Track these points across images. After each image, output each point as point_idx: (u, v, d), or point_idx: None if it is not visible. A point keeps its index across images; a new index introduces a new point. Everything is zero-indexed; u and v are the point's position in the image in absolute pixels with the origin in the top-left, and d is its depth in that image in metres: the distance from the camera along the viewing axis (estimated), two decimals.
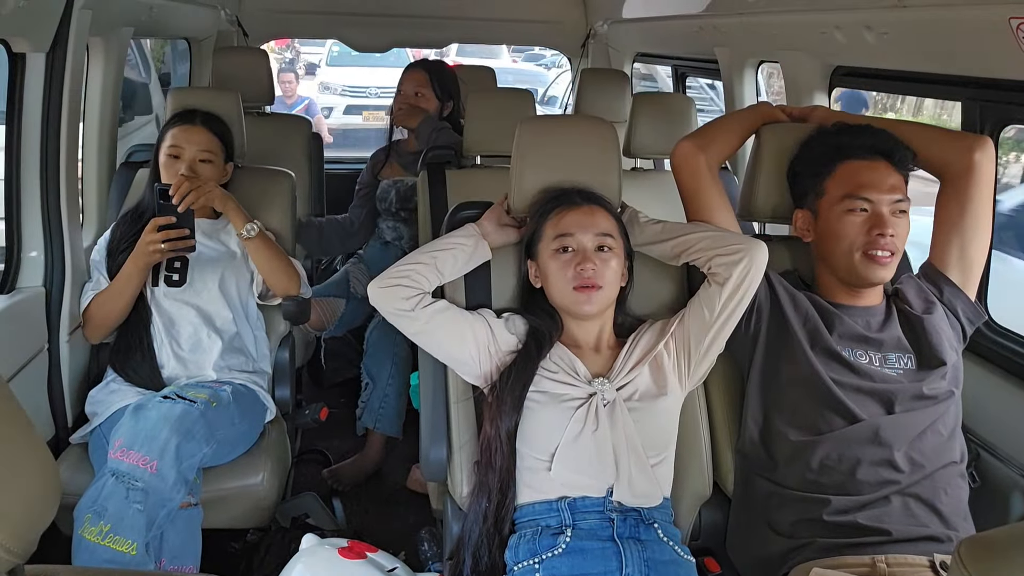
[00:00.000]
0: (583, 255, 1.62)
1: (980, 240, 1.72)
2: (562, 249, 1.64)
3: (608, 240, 1.64)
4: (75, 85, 2.16)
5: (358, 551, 1.76)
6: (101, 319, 2.15)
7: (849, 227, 1.65)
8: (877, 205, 1.64)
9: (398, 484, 2.84)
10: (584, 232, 1.63)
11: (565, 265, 1.63)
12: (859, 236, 1.64)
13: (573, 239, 1.63)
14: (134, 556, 1.71)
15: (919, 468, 1.57)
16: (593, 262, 1.61)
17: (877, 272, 1.65)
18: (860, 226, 1.64)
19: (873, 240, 1.62)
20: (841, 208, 1.66)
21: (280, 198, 2.49)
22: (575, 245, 1.63)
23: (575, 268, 1.61)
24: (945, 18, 1.70)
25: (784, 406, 1.65)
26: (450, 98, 3.20)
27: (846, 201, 1.66)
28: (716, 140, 1.81)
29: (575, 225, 1.64)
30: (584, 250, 1.62)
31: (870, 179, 1.65)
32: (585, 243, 1.63)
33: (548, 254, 1.66)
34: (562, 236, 1.64)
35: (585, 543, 1.50)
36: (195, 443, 1.86)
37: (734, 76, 2.98)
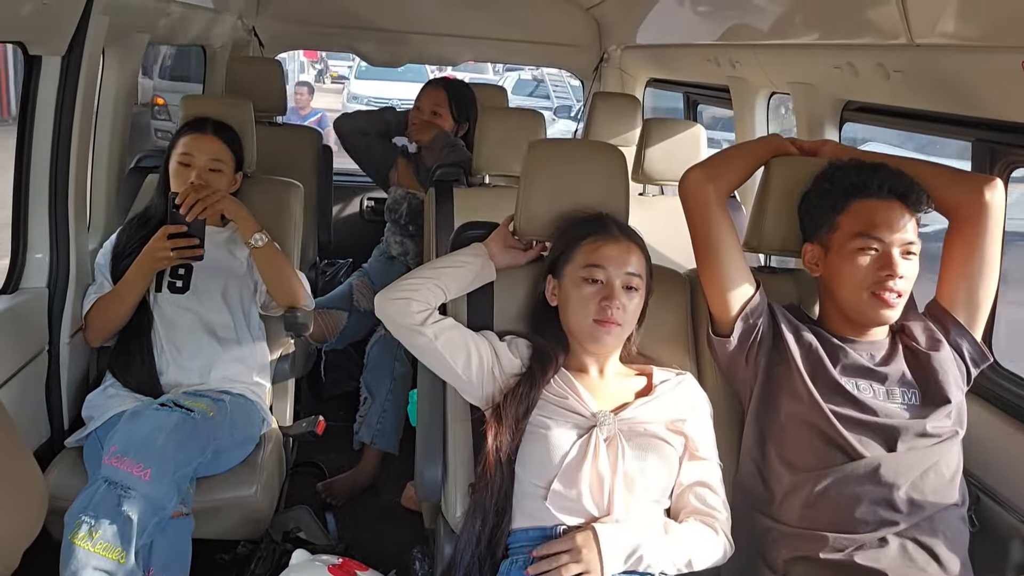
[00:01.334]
0: (611, 291, 1.61)
1: (988, 282, 1.70)
2: (591, 280, 1.63)
3: (636, 280, 1.64)
4: (89, 89, 2.18)
5: (348, 569, 1.75)
6: (103, 322, 2.15)
7: (859, 265, 1.64)
8: (888, 246, 1.63)
9: (392, 500, 2.82)
10: (617, 268, 1.63)
11: (590, 297, 1.62)
12: (868, 275, 1.63)
13: (604, 272, 1.63)
14: (123, 564, 1.70)
15: (919, 509, 1.55)
16: (620, 300, 1.61)
17: (884, 313, 1.64)
18: (870, 265, 1.63)
19: (882, 281, 1.62)
20: (853, 246, 1.65)
21: (288, 209, 2.50)
22: (604, 279, 1.62)
23: (600, 302, 1.61)
24: (957, 59, 1.70)
25: (783, 440, 1.64)
26: (467, 119, 3.21)
27: (858, 239, 1.65)
28: (725, 171, 1.80)
29: (609, 260, 1.63)
30: (612, 286, 1.62)
31: (884, 219, 1.64)
32: (615, 280, 1.62)
33: (574, 279, 1.65)
34: (594, 267, 1.63)
35: None
36: (190, 452, 1.85)
37: (745, 106, 2.99)
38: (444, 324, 1.67)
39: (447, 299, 1.73)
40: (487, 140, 2.78)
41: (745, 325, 1.70)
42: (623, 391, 1.66)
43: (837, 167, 1.74)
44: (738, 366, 1.73)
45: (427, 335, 1.64)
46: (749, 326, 1.70)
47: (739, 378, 1.74)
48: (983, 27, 1.55)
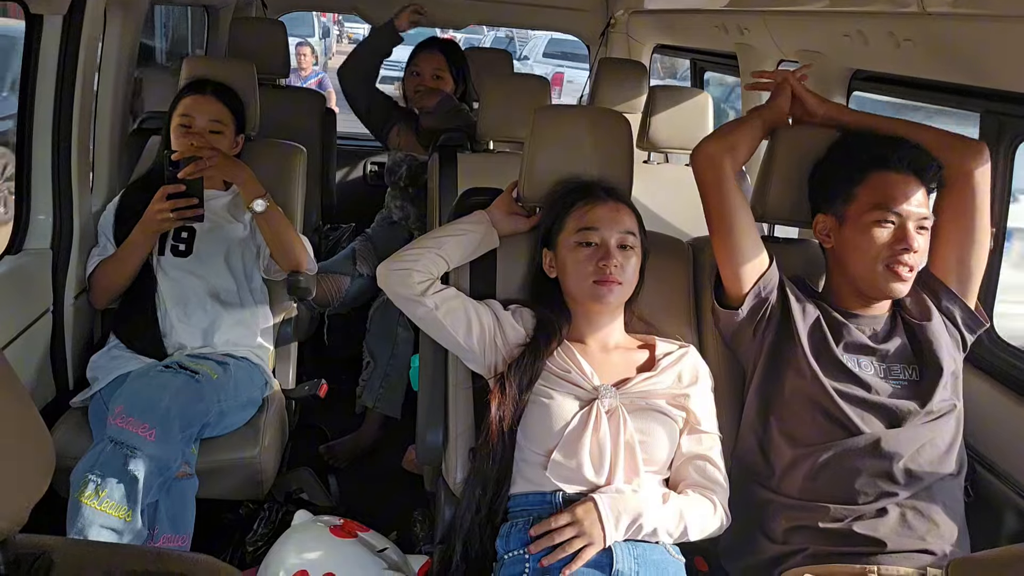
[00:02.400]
0: (606, 250, 1.62)
1: (979, 246, 1.70)
2: (585, 243, 1.64)
3: (630, 238, 1.65)
4: (91, 50, 2.16)
5: (349, 530, 1.77)
6: (106, 285, 2.16)
7: (875, 238, 1.64)
8: (905, 220, 1.62)
9: (394, 464, 2.84)
10: (609, 229, 1.63)
11: (587, 259, 1.63)
12: (884, 249, 1.63)
13: (597, 234, 1.63)
14: (128, 523, 1.73)
15: (917, 481, 1.57)
16: (616, 258, 1.61)
17: (897, 286, 1.64)
18: (886, 239, 1.63)
19: (898, 254, 1.61)
20: (870, 218, 1.64)
21: (291, 172, 2.49)
22: (599, 240, 1.63)
23: (597, 263, 1.61)
24: (969, 29, 1.68)
25: (785, 415, 1.65)
26: (464, 81, 3.20)
27: (876, 211, 1.64)
28: (739, 141, 1.77)
29: (601, 221, 1.64)
30: (608, 246, 1.63)
31: (903, 193, 1.63)
32: (609, 239, 1.63)
33: (569, 246, 1.65)
34: (586, 230, 1.64)
35: None
36: (194, 414, 1.87)
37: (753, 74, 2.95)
38: (446, 294, 1.67)
39: (450, 268, 1.73)
40: (492, 106, 2.76)
41: (757, 299, 1.70)
42: (626, 364, 1.67)
43: (854, 137, 1.73)
44: (744, 338, 1.73)
45: (428, 305, 1.65)
46: (761, 300, 1.70)
47: (743, 350, 1.75)
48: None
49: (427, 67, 3.17)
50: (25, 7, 1.98)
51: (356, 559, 1.71)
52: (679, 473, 1.61)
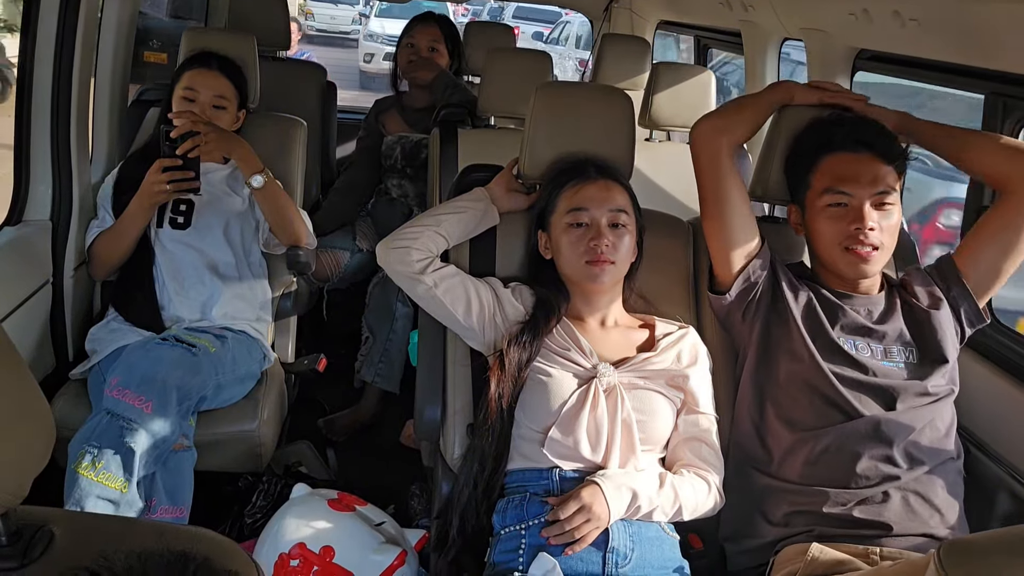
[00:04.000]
0: (597, 230, 1.61)
1: (1017, 256, 1.66)
2: (576, 223, 1.63)
3: (622, 216, 1.64)
4: (90, 20, 2.14)
5: (347, 503, 1.79)
6: (105, 257, 2.16)
7: (830, 221, 1.64)
8: (857, 199, 1.61)
9: (392, 438, 2.86)
10: (599, 207, 1.63)
11: (578, 239, 1.62)
12: (840, 231, 1.62)
13: (587, 214, 1.63)
14: (125, 494, 1.74)
15: (919, 464, 1.57)
16: (607, 238, 1.61)
17: (859, 267, 1.63)
18: (840, 220, 1.62)
19: (853, 235, 1.60)
20: (823, 202, 1.64)
21: (291, 146, 2.48)
22: (589, 220, 1.63)
23: (588, 243, 1.61)
24: (976, 9, 1.66)
25: (783, 399, 1.64)
26: (459, 55, 3.19)
27: (827, 195, 1.64)
28: (737, 121, 1.76)
29: (590, 200, 1.63)
30: (598, 225, 1.62)
31: (852, 172, 1.62)
32: (599, 218, 1.62)
33: (561, 227, 1.65)
34: (576, 210, 1.63)
35: None
36: (191, 386, 1.87)
37: (756, 52, 2.93)
38: (445, 271, 1.67)
39: (449, 245, 1.73)
40: (493, 81, 2.74)
41: (746, 283, 1.69)
42: (625, 344, 1.67)
43: (809, 124, 1.72)
44: (735, 321, 1.73)
45: (427, 283, 1.65)
46: (750, 284, 1.69)
47: (734, 333, 1.75)
48: None
49: (423, 39, 3.15)
50: None
51: (353, 532, 1.73)
52: (675, 453, 1.62)
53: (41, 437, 0.90)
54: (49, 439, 0.91)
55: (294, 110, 2.66)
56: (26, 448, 0.87)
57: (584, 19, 4.64)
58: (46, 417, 0.92)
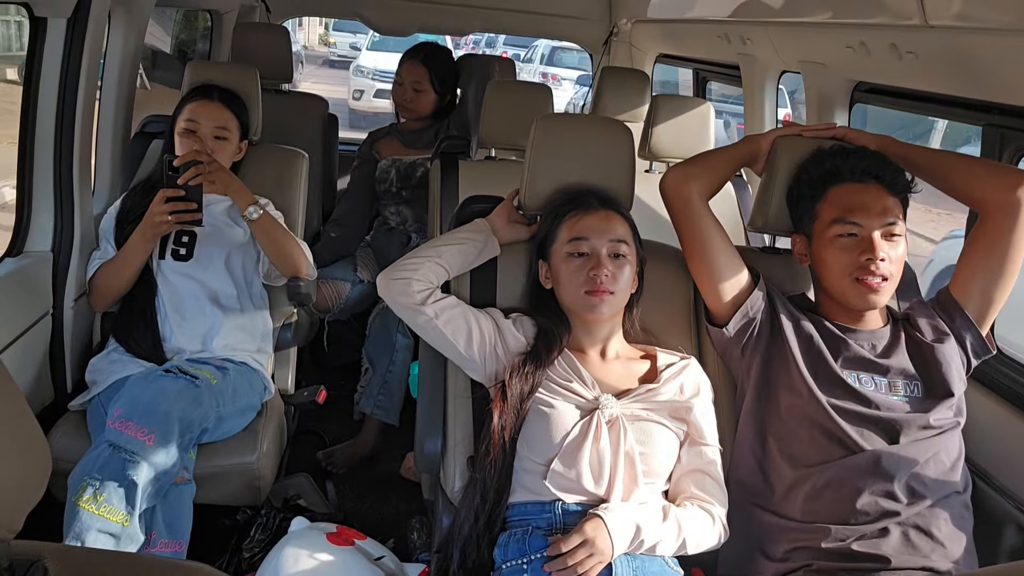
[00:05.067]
0: (597, 261, 1.62)
1: (1006, 280, 1.67)
2: (576, 253, 1.64)
3: (623, 247, 1.64)
4: (94, 53, 2.16)
5: (346, 537, 1.77)
6: (106, 288, 2.16)
7: (840, 252, 1.64)
8: (867, 229, 1.62)
9: (392, 470, 2.84)
10: (599, 238, 1.63)
11: (578, 269, 1.63)
12: (850, 261, 1.62)
13: (587, 244, 1.63)
14: (126, 528, 1.72)
15: (920, 499, 1.55)
16: (607, 268, 1.61)
17: (869, 298, 1.63)
18: (850, 251, 1.63)
19: (863, 265, 1.61)
20: (832, 232, 1.65)
21: (293, 177, 2.49)
22: (589, 250, 1.63)
23: (588, 273, 1.61)
24: (971, 42, 1.68)
25: (784, 434, 1.63)
26: (449, 89, 3.19)
27: (836, 225, 1.64)
28: (706, 171, 1.78)
29: (590, 230, 1.64)
30: (598, 255, 1.62)
31: (860, 202, 1.63)
32: (600, 249, 1.63)
33: (561, 257, 1.65)
34: (577, 240, 1.64)
35: None
36: (193, 419, 1.86)
37: (755, 84, 2.96)
38: (445, 302, 1.67)
39: (450, 276, 1.73)
40: (494, 113, 2.76)
41: (744, 319, 1.69)
42: (627, 375, 1.67)
43: (816, 154, 1.73)
44: (733, 356, 1.73)
45: (428, 314, 1.65)
46: (748, 320, 1.69)
47: (732, 367, 1.75)
48: (998, 9, 1.53)
49: (407, 78, 3.18)
50: (29, 10, 1.98)
51: (353, 567, 1.70)
52: (678, 486, 1.60)
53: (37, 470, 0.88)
54: (45, 472, 0.90)
55: (296, 142, 2.68)
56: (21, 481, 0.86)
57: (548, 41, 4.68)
58: (43, 450, 0.90)
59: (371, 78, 11.60)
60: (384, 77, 10.82)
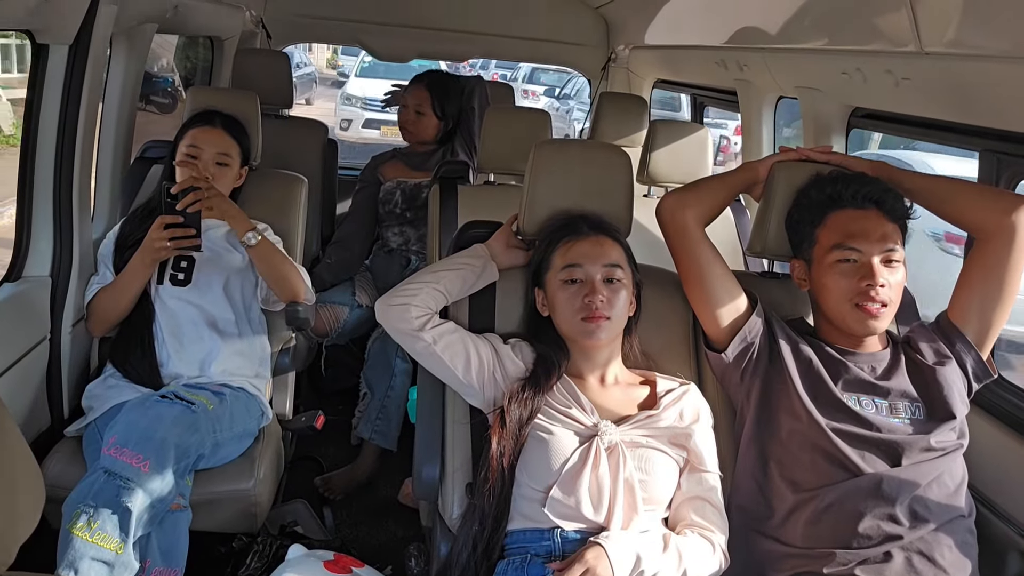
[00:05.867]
0: (591, 287, 1.61)
1: (1004, 303, 1.67)
2: (570, 280, 1.63)
3: (617, 271, 1.64)
4: (96, 79, 2.17)
5: (344, 565, 1.75)
6: (104, 313, 2.15)
7: (839, 277, 1.64)
8: (867, 255, 1.62)
9: (390, 497, 2.82)
10: (593, 263, 1.63)
11: (573, 296, 1.62)
12: (850, 287, 1.62)
13: (581, 270, 1.63)
14: (120, 555, 1.70)
15: (923, 522, 1.54)
16: (602, 293, 1.61)
17: (869, 324, 1.63)
18: (850, 276, 1.63)
19: (863, 291, 1.61)
20: (832, 258, 1.65)
21: (292, 202, 2.50)
22: (583, 276, 1.63)
23: (583, 299, 1.61)
24: (967, 69, 1.69)
25: (786, 459, 1.63)
26: (454, 115, 3.22)
27: (836, 251, 1.65)
28: (702, 198, 1.79)
29: (583, 256, 1.64)
30: (592, 281, 1.62)
31: (860, 228, 1.63)
32: (594, 275, 1.63)
33: (556, 284, 1.65)
34: (570, 267, 1.64)
35: None
36: (189, 445, 1.85)
37: (752, 110, 2.98)
38: (444, 328, 1.67)
39: (448, 302, 1.73)
40: (492, 138, 2.78)
41: (743, 344, 1.69)
42: (626, 402, 1.66)
43: (814, 180, 1.74)
44: (732, 381, 1.73)
45: (426, 340, 1.64)
46: (747, 345, 1.69)
47: (731, 392, 1.74)
48: (993, 37, 1.54)
49: (410, 101, 3.23)
50: (31, 37, 1.99)
51: None
52: (679, 513, 1.59)
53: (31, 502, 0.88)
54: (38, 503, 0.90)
55: (296, 167, 2.69)
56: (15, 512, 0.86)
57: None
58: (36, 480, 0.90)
59: (360, 107, 10.94)
60: (374, 106, 10.38)
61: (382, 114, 10.41)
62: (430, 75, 3.29)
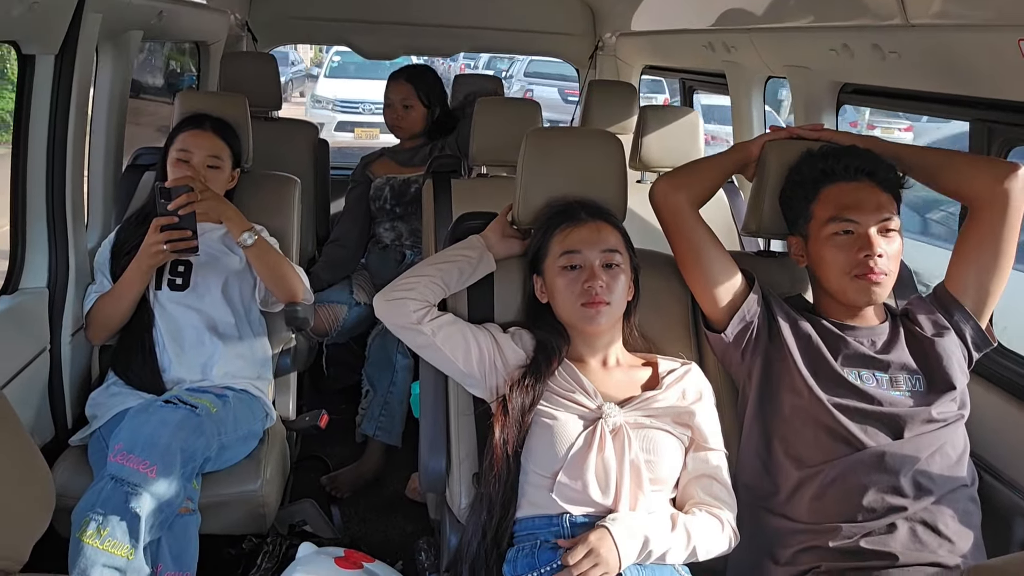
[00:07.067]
0: (590, 272, 1.62)
1: (1000, 271, 1.68)
2: (569, 267, 1.64)
3: (615, 256, 1.65)
4: (83, 88, 2.17)
5: (354, 561, 1.76)
6: (104, 321, 2.15)
7: (837, 250, 1.65)
8: (863, 226, 1.63)
9: (397, 492, 2.83)
10: (591, 249, 1.63)
11: (572, 282, 1.63)
12: (849, 259, 1.63)
13: (580, 256, 1.63)
14: (131, 561, 1.71)
15: (926, 493, 1.55)
16: (601, 279, 1.61)
17: (871, 291, 1.63)
18: (848, 249, 1.63)
19: (862, 262, 1.62)
20: (828, 231, 1.66)
21: (285, 203, 2.50)
22: (582, 262, 1.63)
23: (582, 285, 1.61)
24: (953, 39, 1.70)
25: (789, 435, 1.63)
26: (438, 102, 3.26)
27: (832, 224, 1.65)
28: (694, 180, 1.80)
29: (582, 242, 1.64)
30: (591, 267, 1.62)
31: (855, 200, 1.64)
32: (592, 260, 1.63)
33: (555, 271, 1.66)
34: (569, 253, 1.64)
35: None
36: (195, 448, 1.85)
37: (741, 91, 2.98)
38: (443, 320, 1.67)
39: (446, 294, 1.73)
40: (483, 131, 2.78)
41: (741, 324, 1.70)
42: (629, 383, 1.67)
43: (807, 155, 1.75)
44: (733, 360, 1.73)
45: (426, 332, 1.65)
46: (745, 324, 1.70)
47: (732, 371, 1.75)
48: (978, 6, 1.55)
49: (395, 98, 3.26)
50: (17, 48, 1.99)
51: None
52: (686, 492, 1.60)
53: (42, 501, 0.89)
54: (49, 503, 0.90)
55: (288, 168, 2.69)
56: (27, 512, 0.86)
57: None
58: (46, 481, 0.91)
59: (331, 109, 10.47)
60: (346, 108, 10.29)
61: (355, 116, 10.27)
62: (406, 70, 3.35)
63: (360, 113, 10.34)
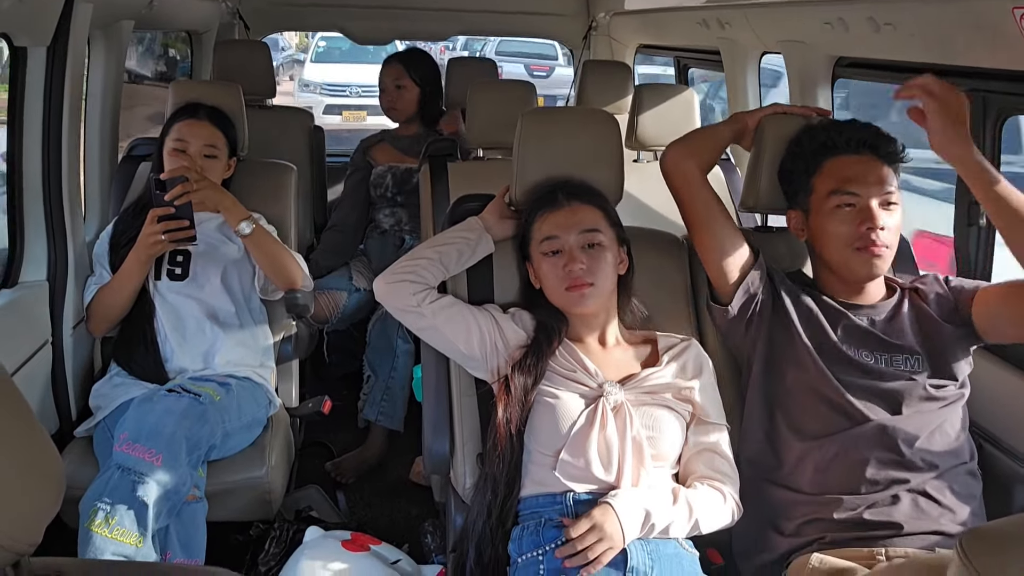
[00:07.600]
0: (570, 255, 1.62)
1: None
2: (551, 252, 1.64)
3: (596, 236, 1.64)
4: (76, 79, 2.16)
5: (361, 543, 1.78)
6: (104, 312, 2.16)
7: (839, 223, 1.64)
8: (865, 199, 1.62)
9: (401, 476, 2.84)
10: (568, 232, 1.64)
11: (554, 267, 1.64)
12: (851, 232, 1.63)
13: (559, 241, 1.64)
14: (140, 549, 1.72)
15: (929, 467, 1.56)
16: (581, 261, 1.61)
17: (871, 265, 1.63)
18: (850, 222, 1.63)
19: (864, 234, 1.61)
20: (830, 204, 1.65)
21: (282, 191, 2.49)
22: (561, 246, 1.64)
23: (564, 269, 1.62)
24: (948, 9, 1.69)
25: (791, 407, 1.64)
26: (430, 83, 3.28)
27: (834, 197, 1.65)
28: (703, 146, 1.81)
29: (558, 227, 1.65)
30: (571, 250, 1.63)
31: (857, 173, 1.64)
32: (571, 243, 1.63)
33: (539, 257, 1.67)
34: (548, 239, 1.65)
35: None
36: (200, 436, 1.86)
37: (736, 68, 2.97)
38: (443, 302, 1.68)
39: (446, 277, 1.74)
40: (479, 114, 2.77)
41: (746, 295, 1.70)
42: (628, 361, 1.67)
43: (805, 129, 1.74)
44: (737, 333, 1.73)
45: (426, 315, 1.65)
46: (749, 296, 1.70)
47: (735, 344, 1.75)
48: None
49: (388, 80, 3.28)
50: (8, 40, 1.98)
51: (370, 571, 1.71)
52: (688, 466, 1.61)
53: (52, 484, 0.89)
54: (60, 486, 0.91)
55: (283, 156, 2.68)
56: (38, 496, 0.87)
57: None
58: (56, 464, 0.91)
59: (319, 93, 10.72)
60: (334, 91, 10.51)
61: (343, 98, 10.41)
62: (398, 53, 3.39)
63: (347, 96, 10.49)
